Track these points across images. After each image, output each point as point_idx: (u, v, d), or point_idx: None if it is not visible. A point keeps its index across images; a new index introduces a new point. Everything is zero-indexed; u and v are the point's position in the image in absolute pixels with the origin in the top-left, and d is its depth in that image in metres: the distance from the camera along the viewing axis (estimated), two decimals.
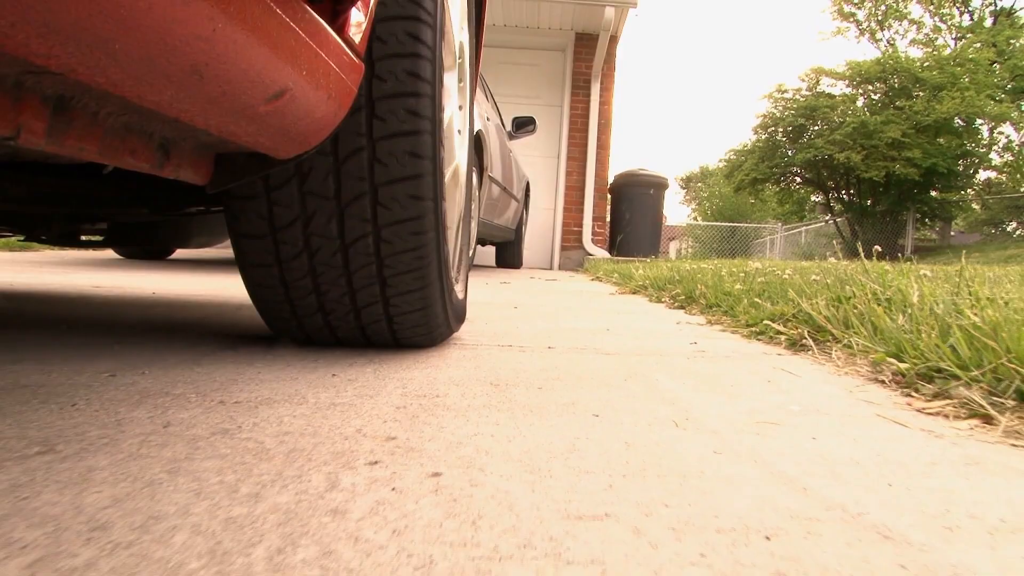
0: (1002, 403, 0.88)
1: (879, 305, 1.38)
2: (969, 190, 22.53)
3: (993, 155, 25.93)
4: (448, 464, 0.62)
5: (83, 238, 1.81)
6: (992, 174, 26.78)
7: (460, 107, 1.43)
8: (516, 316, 2.04)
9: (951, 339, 1.08)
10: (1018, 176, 25.24)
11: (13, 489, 0.52)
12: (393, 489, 0.55)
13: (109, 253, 5.01)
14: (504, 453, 0.66)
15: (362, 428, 0.72)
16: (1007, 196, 23.35)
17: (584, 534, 0.48)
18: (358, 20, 0.77)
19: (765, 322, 1.64)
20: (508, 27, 8.63)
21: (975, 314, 1.03)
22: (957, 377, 0.99)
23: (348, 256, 1.06)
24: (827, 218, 21.90)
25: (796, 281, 2.31)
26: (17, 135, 0.53)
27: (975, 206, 24.64)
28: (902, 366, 1.11)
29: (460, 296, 1.44)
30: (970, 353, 1.02)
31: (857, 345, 1.30)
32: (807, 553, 0.46)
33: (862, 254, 2.02)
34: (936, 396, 0.98)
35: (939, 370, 1.05)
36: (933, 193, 19.46)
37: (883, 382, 1.11)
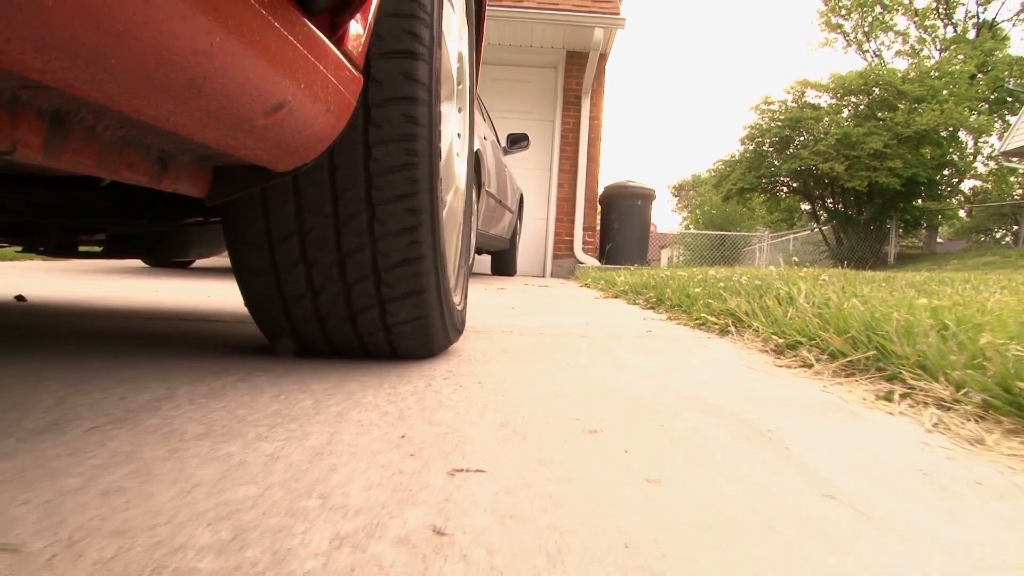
0: (822, 358, 1.41)
1: (779, 302, 1.91)
2: (955, 199, 23.15)
3: (978, 164, 26.60)
4: (485, 381, 1.14)
5: (81, 248, 1.82)
6: (977, 183, 27.47)
7: (459, 135, 1.56)
8: (514, 314, 2.57)
9: (812, 322, 1.62)
10: (1003, 185, 25.94)
11: (274, 402, 1.04)
12: (460, 386, 1.07)
13: (137, 262, 5.51)
14: (514, 378, 1.18)
15: (431, 369, 1.25)
16: (990, 204, 24.00)
17: (557, 399, 1.01)
18: (356, 33, 0.78)
19: (702, 315, 2.17)
20: (502, 45, 9.10)
21: (810, 305, 1.56)
22: (805, 345, 1.52)
23: (345, 268, 1.11)
24: (813, 226, 22.50)
25: (743, 285, 2.84)
26: (13, 149, 0.53)
27: (961, 213, 25.25)
28: (780, 341, 1.65)
29: (459, 307, 1.50)
30: (819, 331, 1.55)
31: (760, 329, 1.83)
32: (662, 407, 0.99)
33: (790, 263, 2.55)
34: (792, 358, 1.51)
35: (800, 342, 1.58)
36: (919, 201, 19.99)
37: (766, 351, 1.65)
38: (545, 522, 0.55)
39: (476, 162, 4.46)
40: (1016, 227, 23.29)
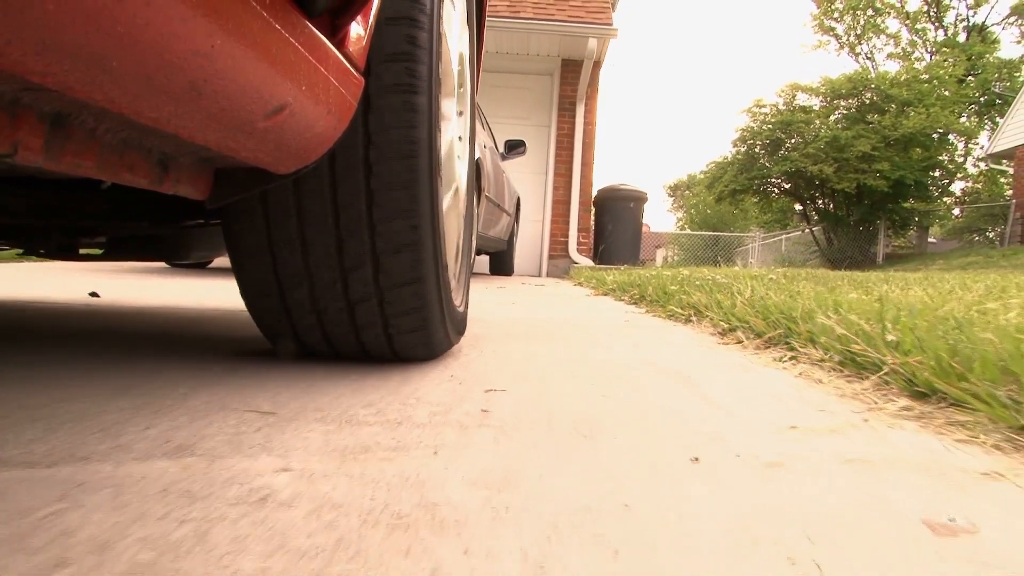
0: (752, 337, 1.86)
1: (730, 295, 2.37)
2: (947, 199, 23.61)
3: (969, 166, 27.12)
4: (497, 351, 1.59)
5: (82, 251, 1.80)
6: (968, 184, 28.02)
7: (460, 138, 1.59)
8: (514, 308, 3.02)
9: (750, 311, 2.07)
10: (993, 186, 26.48)
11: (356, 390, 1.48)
12: (481, 354, 1.52)
13: (160, 264, 5.94)
14: (518, 350, 1.63)
15: (458, 346, 1.69)
16: (979, 205, 24.48)
17: (550, 361, 1.45)
18: (357, 34, 0.79)
19: (672, 308, 2.63)
20: (500, 53, 9.50)
21: (743, 298, 2.02)
22: (742, 328, 1.97)
23: (348, 281, 1.15)
24: (804, 227, 22.98)
25: (715, 284, 3.30)
26: (14, 152, 0.53)
27: (953, 213, 25.72)
28: (725, 326, 2.10)
29: (460, 308, 1.56)
30: (752, 317, 2.00)
31: (713, 318, 2.28)
32: (623, 367, 1.44)
33: (746, 264, 2.99)
34: (731, 337, 1.96)
35: (739, 326, 2.03)
36: (910, 202, 20.43)
37: (715, 334, 2.10)
38: (543, 409, 1.00)
39: (476, 169, 4.91)
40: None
